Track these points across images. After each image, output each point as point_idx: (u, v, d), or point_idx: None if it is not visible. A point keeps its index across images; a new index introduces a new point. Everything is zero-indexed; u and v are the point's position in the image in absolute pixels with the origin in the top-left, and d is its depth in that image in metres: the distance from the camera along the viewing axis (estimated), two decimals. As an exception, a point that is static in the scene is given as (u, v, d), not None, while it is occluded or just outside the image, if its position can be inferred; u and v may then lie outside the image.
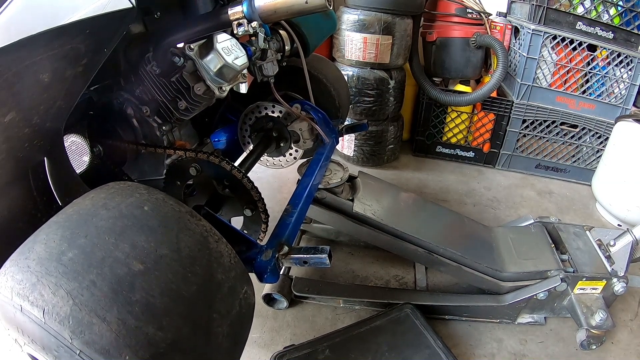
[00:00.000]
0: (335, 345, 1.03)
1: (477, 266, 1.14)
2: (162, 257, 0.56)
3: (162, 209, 0.62)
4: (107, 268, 0.52)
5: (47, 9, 0.52)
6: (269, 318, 1.18)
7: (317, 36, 1.35)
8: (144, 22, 0.96)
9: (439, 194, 1.89)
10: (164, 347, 0.52)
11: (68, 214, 0.59)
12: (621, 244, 1.10)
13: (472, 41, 1.96)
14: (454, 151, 2.18)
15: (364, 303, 1.21)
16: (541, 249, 1.18)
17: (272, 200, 1.62)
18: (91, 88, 0.95)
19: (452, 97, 1.97)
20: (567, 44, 1.78)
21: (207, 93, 0.93)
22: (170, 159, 1.02)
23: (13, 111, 0.58)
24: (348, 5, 1.83)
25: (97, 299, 0.50)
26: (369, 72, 1.88)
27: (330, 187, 1.17)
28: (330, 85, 1.48)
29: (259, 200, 0.97)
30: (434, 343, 1.03)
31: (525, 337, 1.14)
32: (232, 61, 0.87)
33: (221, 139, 1.37)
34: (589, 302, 1.07)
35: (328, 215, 1.19)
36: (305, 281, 1.24)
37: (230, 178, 0.96)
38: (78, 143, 0.99)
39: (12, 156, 0.64)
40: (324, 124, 1.29)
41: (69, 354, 0.51)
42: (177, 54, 0.88)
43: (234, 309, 0.64)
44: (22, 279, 0.52)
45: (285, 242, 0.85)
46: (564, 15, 1.75)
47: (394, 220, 1.19)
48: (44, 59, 0.56)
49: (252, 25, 0.83)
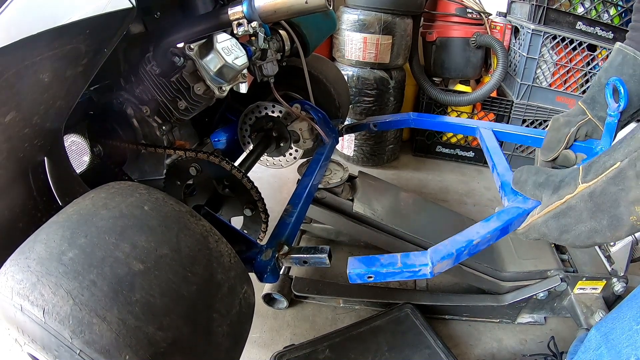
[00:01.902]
0: (335, 345, 1.03)
1: (477, 266, 1.14)
2: (162, 257, 0.56)
3: (163, 209, 0.62)
4: (108, 268, 0.53)
5: (47, 9, 0.52)
6: (269, 318, 1.18)
7: (317, 36, 1.35)
8: (144, 22, 0.96)
9: (439, 194, 1.89)
10: (164, 347, 0.52)
11: (68, 213, 0.59)
12: (621, 244, 1.10)
13: (472, 41, 1.96)
14: (454, 151, 2.18)
15: (364, 303, 1.21)
16: (541, 249, 1.18)
17: (272, 200, 1.62)
18: (91, 88, 0.96)
19: (452, 97, 1.97)
20: (567, 44, 1.78)
21: (207, 93, 0.93)
22: (170, 159, 1.03)
23: (13, 111, 0.58)
24: (348, 5, 1.83)
25: (97, 299, 0.50)
26: (369, 72, 1.88)
27: (330, 187, 1.17)
28: (330, 85, 1.48)
29: (259, 200, 0.97)
30: (434, 343, 1.03)
31: (525, 337, 1.14)
32: (232, 61, 0.87)
33: (221, 138, 1.37)
34: (589, 302, 1.07)
35: (328, 215, 1.20)
36: (305, 281, 1.24)
37: (230, 178, 0.96)
38: (78, 143, 0.99)
39: (13, 156, 0.64)
40: (324, 123, 1.29)
41: (69, 354, 0.51)
42: (177, 54, 0.88)
43: (234, 308, 0.64)
44: (23, 279, 0.52)
45: (285, 242, 0.85)
46: (564, 15, 1.75)
47: (394, 220, 1.19)
48: (44, 59, 0.56)
49: (252, 25, 0.83)
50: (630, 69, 0.85)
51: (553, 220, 0.70)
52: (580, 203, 0.65)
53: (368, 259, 0.78)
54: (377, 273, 0.76)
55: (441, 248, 0.76)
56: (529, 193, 0.77)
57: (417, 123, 1.38)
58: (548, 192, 0.72)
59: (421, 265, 0.74)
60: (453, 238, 0.77)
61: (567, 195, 0.67)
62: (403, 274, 0.76)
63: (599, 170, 0.63)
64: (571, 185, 0.67)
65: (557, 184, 0.71)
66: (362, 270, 0.77)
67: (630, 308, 0.62)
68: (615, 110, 0.85)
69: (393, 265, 0.76)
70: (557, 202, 0.69)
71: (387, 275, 0.76)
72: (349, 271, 0.77)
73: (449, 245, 0.76)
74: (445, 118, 1.35)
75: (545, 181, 0.74)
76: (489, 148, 1.11)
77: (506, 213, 0.78)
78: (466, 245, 0.75)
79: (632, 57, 0.85)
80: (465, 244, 0.75)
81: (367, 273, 0.77)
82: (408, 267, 0.75)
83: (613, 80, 0.84)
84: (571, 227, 0.68)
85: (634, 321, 0.58)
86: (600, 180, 0.63)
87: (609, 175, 0.61)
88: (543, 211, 0.72)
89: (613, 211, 0.62)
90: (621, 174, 0.60)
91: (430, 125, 1.38)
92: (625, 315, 0.61)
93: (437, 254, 0.75)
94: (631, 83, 0.85)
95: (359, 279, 0.78)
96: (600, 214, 0.63)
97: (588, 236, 0.66)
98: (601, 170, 0.63)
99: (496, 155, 1.07)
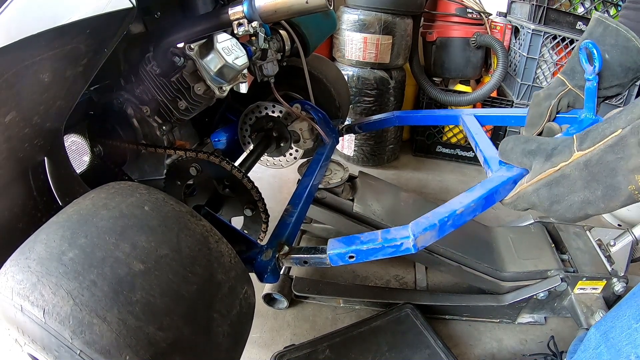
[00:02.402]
0: (335, 345, 1.03)
1: (477, 266, 1.14)
2: (162, 257, 0.56)
3: (163, 209, 0.62)
4: (108, 268, 0.52)
5: (47, 9, 0.52)
6: (269, 318, 1.18)
7: (317, 36, 1.35)
8: (144, 22, 0.96)
9: (439, 194, 1.89)
10: (164, 347, 0.52)
11: (68, 213, 0.59)
12: (621, 244, 1.10)
13: (472, 41, 1.96)
14: (454, 151, 2.18)
15: (364, 303, 1.22)
16: (541, 249, 1.18)
17: (272, 200, 1.62)
18: (91, 88, 0.96)
19: (452, 97, 1.97)
20: (567, 44, 1.78)
21: (207, 93, 0.93)
22: (170, 159, 1.03)
23: (13, 111, 0.58)
24: (348, 5, 1.83)
25: (97, 299, 0.50)
26: (369, 72, 1.88)
27: (330, 187, 1.17)
28: (330, 85, 1.48)
29: (259, 200, 0.97)
30: (434, 343, 1.03)
31: (525, 337, 1.14)
32: (232, 61, 0.87)
33: (221, 138, 1.37)
34: (589, 302, 1.07)
35: (328, 215, 1.19)
36: (306, 281, 1.24)
37: (231, 178, 0.96)
38: (78, 143, 0.99)
39: (13, 156, 0.64)
40: (324, 124, 1.29)
41: (69, 354, 0.51)
42: (177, 54, 0.88)
43: (234, 308, 0.64)
44: (23, 279, 0.52)
45: (286, 242, 0.85)
46: (564, 15, 1.75)
47: (394, 220, 1.19)
48: (44, 59, 0.56)
49: (253, 25, 0.83)
50: (612, 39, 0.83)
51: (545, 189, 0.67)
52: (575, 172, 0.63)
53: (348, 238, 0.75)
54: (358, 252, 0.73)
55: (423, 220, 0.73)
56: (516, 161, 0.74)
57: (401, 120, 1.37)
58: (540, 160, 0.69)
59: (402, 238, 0.71)
60: (435, 210, 0.74)
61: (561, 162, 0.65)
62: (385, 249, 0.72)
63: (597, 138, 0.60)
64: (565, 153, 0.65)
65: (549, 151, 0.68)
66: (343, 250, 0.74)
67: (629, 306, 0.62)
68: (591, 73, 0.83)
69: (373, 242, 0.73)
70: (551, 169, 0.66)
71: (368, 253, 0.73)
72: (329, 253, 0.73)
73: (431, 217, 0.73)
74: (428, 111, 1.34)
75: (537, 149, 0.71)
76: (472, 131, 1.09)
77: (490, 181, 0.75)
78: (449, 216, 0.72)
79: (615, 29, 0.83)
80: (448, 214, 0.72)
81: (347, 253, 0.74)
82: (389, 242, 0.72)
83: (585, 44, 0.83)
84: (563, 197, 0.65)
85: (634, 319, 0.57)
86: (598, 148, 0.60)
87: (608, 143, 0.59)
88: (534, 179, 0.69)
89: (609, 181, 0.60)
90: (622, 142, 0.58)
91: (414, 120, 1.37)
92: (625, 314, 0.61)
93: (418, 226, 0.72)
94: (613, 52, 0.83)
95: (340, 259, 0.74)
96: (595, 184, 0.61)
97: (580, 207, 0.64)
98: (599, 138, 0.60)
99: (479, 135, 1.05)
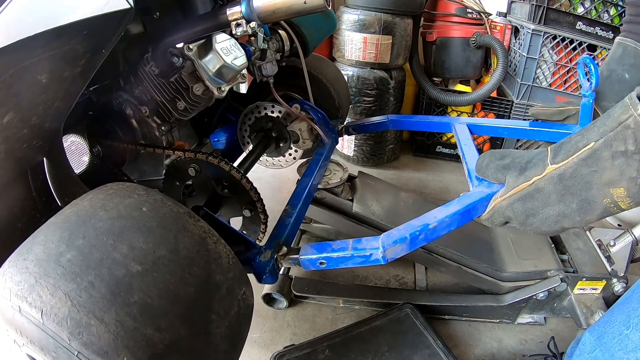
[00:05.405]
0: (335, 345, 1.03)
1: (476, 266, 1.14)
2: (160, 258, 0.56)
3: (161, 210, 0.62)
4: (105, 269, 0.52)
5: (45, 10, 0.52)
6: (269, 318, 1.18)
7: (316, 36, 1.35)
8: (143, 22, 0.96)
9: (439, 194, 1.89)
10: (161, 348, 0.52)
11: (66, 215, 0.59)
12: (621, 244, 1.10)
13: (472, 41, 1.96)
14: (454, 151, 2.18)
15: (363, 303, 1.21)
16: (541, 249, 1.18)
17: (271, 200, 1.61)
18: (90, 88, 0.95)
19: (452, 97, 1.97)
20: (567, 44, 1.77)
21: (206, 93, 0.93)
22: (169, 160, 1.03)
23: (11, 112, 0.58)
24: (348, 5, 1.83)
25: (95, 300, 0.50)
26: (369, 72, 1.87)
27: (329, 187, 1.17)
28: (330, 85, 1.47)
29: (258, 201, 0.97)
30: (434, 343, 1.03)
31: (525, 337, 1.14)
32: (231, 61, 0.87)
33: (220, 139, 1.37)
34: (589, 302, 1.07)
35: (328, 215, 1.19)
36: (305, 281, 1.24)
37: (229, 178, 0.96)
38: (77, 143, 0.99)
39: (11, 157, 0.64)
40: (323, 124, 1.29)
41: (67, 355, 0.51)
42: (176, 54, 0.88)
43: (233, 310, 0.64)
44: (21, 280, 0.52)
45: (284, 242, 0.85)
46: (564, 15, 1.74)
47: (394, 220, 1.18)
48: (43, 60, 0.55)
49: (251, 25, 0.82)
50: (631, 59, 0.84)
51: (519, 203, 0.66)
52: (549, 185, 0.62)
53: (321, 245, 0.76)
54: (329, 259, 0.75)
55: (395, 232, 0.73)
56: (491, 177, 0.73)
57: (395, 124, 1.38)
58: (514, 174, 0.67)
59: (372, 249, 0.72)
60: (409, 222, 0.74)
61: (534, 177, 0.63)
62: (354, 259, 0.74)
63: (570, 151, 0.59)
64: (539, 167, 0.63)
65: (523, 165, 0.67)
66: (314, 256, 0.75)
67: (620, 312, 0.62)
68: (587, 89, 0.84)
69: (344, 250, 0.74)
70: (524, 183, 0.65)
71: (338, 261, 0.75)
72: (301, 258, 0.75)
73: (403, 230, 0.73)
74: (422, 117, 1.36)
75: (511, 163, 0.70)
76: (461, 140, 1.09)
77: (468, 197, 0.75)
78: (421, 230, 0.73)
79: (633, 48, 0.84)
80: (420, 228, 0.73)
81: (318, 259, 0.75)
82: (359, 252, 0.73)
83: (583, 59, 0.84)
84: (538, 211, 0.64)
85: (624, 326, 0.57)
86: (572, 161, 0.59)
87: (581, 156, 0.58)
88: (508, 193, 0.68)
89: (584, 194, 0.59)
90: (595, 155, 0.56)
91: (408, 125, 1.38)
92: (616, 320, 0.60)
93: (389, 238, 0.72)
94: (632, 72, 0.84)
95: (312, 265, 0.76)
96: (569, 197, 0.60)
97: (556, 220, 0.63)
98: (572, 151, 0.59)
99: (467, 145, 1.05)
